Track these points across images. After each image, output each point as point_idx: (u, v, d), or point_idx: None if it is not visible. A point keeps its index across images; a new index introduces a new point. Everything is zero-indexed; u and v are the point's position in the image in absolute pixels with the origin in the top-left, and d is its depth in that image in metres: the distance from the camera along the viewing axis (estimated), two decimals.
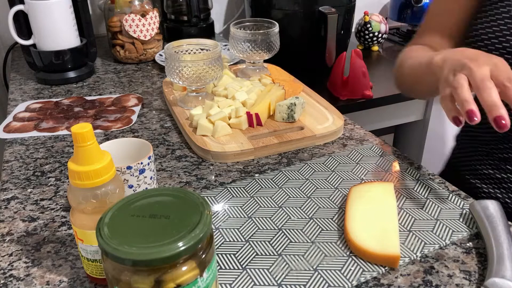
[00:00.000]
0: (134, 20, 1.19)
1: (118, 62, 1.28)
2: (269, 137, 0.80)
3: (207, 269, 0.40)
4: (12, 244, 0.59)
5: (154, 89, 1.09)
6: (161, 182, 0.72)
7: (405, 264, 0.54)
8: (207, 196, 0.67)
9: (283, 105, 0.84)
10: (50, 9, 1.07)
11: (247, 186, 0.70)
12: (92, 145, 0.47)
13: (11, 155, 0.81)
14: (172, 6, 1.43)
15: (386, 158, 0.76)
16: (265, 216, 0.63)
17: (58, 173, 0.75)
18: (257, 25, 1.05)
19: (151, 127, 0.90)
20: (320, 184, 0.69)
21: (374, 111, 1.29)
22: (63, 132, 0.89)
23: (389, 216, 0.59)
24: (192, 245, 0.37)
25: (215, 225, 0.61)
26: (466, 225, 0.60)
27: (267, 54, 1.03)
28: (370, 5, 1.81)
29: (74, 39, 1.13)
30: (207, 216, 0.40)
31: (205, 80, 0.89)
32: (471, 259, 0.55)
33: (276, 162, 0.76)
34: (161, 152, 0.80)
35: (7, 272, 0.55)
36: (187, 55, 0.87)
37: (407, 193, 0.66)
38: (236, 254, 0.56)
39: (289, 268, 0.54)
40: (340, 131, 0.84)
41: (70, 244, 0.59)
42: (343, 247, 0.57)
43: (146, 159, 0.60)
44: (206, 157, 0.78)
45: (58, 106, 0.99)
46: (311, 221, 0.61)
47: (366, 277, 0.52)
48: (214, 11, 1.52)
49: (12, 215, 0.65)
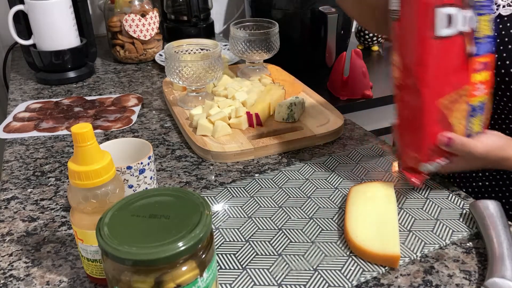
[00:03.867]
0: (134, 20, 1.19)
1: (118, 62, 1.28)
2: (269, 137, 0.80)
3: (207, 269, 0.40)
4: (12, 244, 0.59)
5: (154, 89, 1.09)
6: (161, 182, 0.72)
7: (405, 264, 0.54)
8: (207, 196, 0.67)
9: (283, 105, 0.84)
10: (50, 9, 1.07)
11: (247, 186, 0.70)
12: (92, 145, 0.46)
13: (11, 155, 0.81)
14: (172, 6, 1.43)
15: (386, 158, 0.76)
16: (265, 216, 0.63)
17: (58, 173, 0.75)
18: (257, 25, 1.05)
19: (151, 127, 0.90)
20: (320, 184, 0.69)
21: (374, 111, 1.29)
22: (63, 132, 0.89)
23: (389, 216, 0.59)
24: (192, 245, 0.37)
25: (215, 225, 0.61)
26: (466, 225, 0.60)
27: (267, 54, 1.03)
28: None
29: (74, 39, 1.13)
30: (207, 216, 0.40)
31: (205, 80, 0.89)
32: (471, 259, 0.55)
33: (276, 162, 0.76)
34: (161, 152, 0.80)
35: (7, 272, 0.55)
36: (187, 55, 0.87)
37: (407, 193, 0.66)
38: (236, 254, 0.56)
39: (289, 268, 0.54)
40: (340, 131, 0.84)
41: (70, 244, 0.59)
42: (343, 247, 0.57)
43: (146, 159, 0.60)
44: (206, 157, 0.78)
45: (58, 106, 0.99)
46: (311, 221, 0.61)
47: (366, 277, 0.52)
48: (214, 11, 1.52)
49: (12, 215, 0.65)
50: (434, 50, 0.56)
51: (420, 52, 0.56)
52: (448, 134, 0.59)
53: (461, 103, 0.59)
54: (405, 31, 0.58)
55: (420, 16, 0.55)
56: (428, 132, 0.60)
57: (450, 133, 0.60)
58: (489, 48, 0.59)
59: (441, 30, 0.55)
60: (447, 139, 0.59)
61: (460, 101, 0.59)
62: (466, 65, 0.58)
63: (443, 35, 0.55)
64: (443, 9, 0.55)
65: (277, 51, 1.04)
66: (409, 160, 0.63)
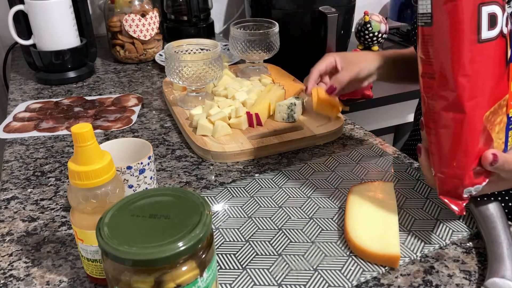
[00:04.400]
0: (134, 20, 1.19)
1: (118, 62, 1.28)
2: (269, 137, 0.80)
3: (207, 269, 0.40)
4: (12, 244, 0.59)
5: (154, 89, 1.09)
6: (161, 182, 0.72)
7: (405, 264, 0.54)
8: (207, 196, 0.67)
9: (283, 105, 0.84)
10: (50, 9, 1.07)
11: (247, 186, 0.70)
12: (92, 145, 0.46)
13: (11, 155, 0.81)
14: (172, 6, 1.43)
15: (386, 158, 0.76)
16: (265, 216, 0.63)
17: (58, 173, 0.75)
18: (257, 25, 1.05)
19: (151, 127, 0.90)
20: (320, 184, 0.69)
21: (374, 111, 1.29)
22: (63, 132, 0.89)
23: (389, 216, 0.59)
24: (192, 245, 0.37)
25: (215, 225, 0.61)
26: (466, 225, 0.60)
27: (267, 54, 1.03)
28: (370, 5, 1.81)
29: (74, 39, 1.13)
30: (207, 216, 0.40)
31: (205, 80, 0.89)
32: (471, 259, 0.55)
33: (276, 162, 0.76)
34: (161, 152, 0.80)
35: (7, 272, 0.55)
36: (187, 55, 0.87)
37: (407, 193, 0.66)
38: (236, 254, 0.56)
39: (289, 268, 0.54)
40: (340, 131, 0.84)
41: (70, 244, 0.59)
42: (343, 247, 0.57)
43: (146, 159, 0.60)
44: (206, 157, 0.78)
45: (58, 106, 0.99)
46: (311, 221, 0.61)
47: (366, 277, 0.52)
48: (214, 11, 1.52)
49: (12, 215, 0.65)
50: (477, 56, 0.48)
51: (462, 59, 0.48)
52: (493, 150, 0.52)
53: (501, 115, 0.52)
54: (441, 36, 0.49)
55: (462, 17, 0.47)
56: (472, 151, 0.51)
57: (493, 150, 0.52)
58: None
59: (485, 32, 0.48)
60: (493, 156, 0.51)
61: (500, 113, 0.52)
62: (506, 72, 0.51)
63: (487, 38, 0.48)
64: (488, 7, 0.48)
65: (277, 51, 1.04)
66: (450, 184, 0.54)
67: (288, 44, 1.24)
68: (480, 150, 0.52)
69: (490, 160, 0.51)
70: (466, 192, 0.53)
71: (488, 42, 0.49)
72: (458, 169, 0.52)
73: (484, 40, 0.48)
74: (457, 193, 0.54)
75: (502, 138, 0.54)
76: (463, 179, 0.52)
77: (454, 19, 0.48)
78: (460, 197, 0.54)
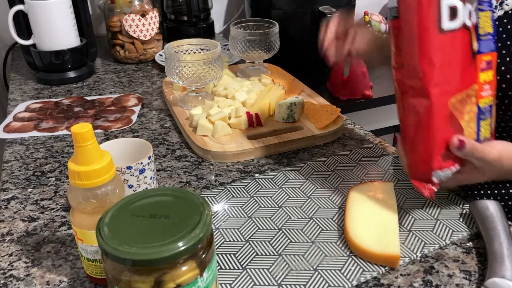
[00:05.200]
0: (134, 20, 1.19)
1: (118, 62, 1.28)
2: (269, 137, 0.80)
3: (207, 269, 0.40)
4: (12, 244, 0.59)
5: (154, 89, 1.09)
6: (161, 182, 0.72)
7: (405, 264, 0.54)
8: (207, 196, 0.67)
9: (283, 105, 0.84)
10: (50, 9, 1.07)
11: (247, 186, 0.69)
12: (92, 145, 0.47)
13: (11, 155, 0.81)
14: (172, 6, 1.43)
15: (386, 158, 0.76)
16: (265, 216, 0.63)
17: (58, 173, 0.75)
18: (257, 25, 1.05)
19: (151, 127, 0.90)
20: (320, 184, 0.69)
21: (374, 111, 1.29)
22: (63, 132, 0.89)
23: (389, 216, 0.59)
24: (192, 245, 0.37)
25: (215, 225, 0.61)
26: (466, 225, 0.60)
27: (267, 54, 1.03)
28: (370, 5, 1.81)
29: (74, 39, 1.13)
30: (207, 216, 0.40)
31: (205, 80, 0.89)
32: (471, 259, 0.55)
33: (276, 162, 0.76)
34: (161, 152, 0.80)
35: (7, 272, 0.55)
36: (187, 55, 0.87)
37: (407, 193, 0.66)
38: (236, 254, 0.56)
39: (289, 268, 0.54)
40: (340, 131, 0.84)
41: (70, 244, 0.59)
42: (343, 247, 0.57)
43: (146, 159, 0.60)
44: (206, 157, 0.78)
45: (58, 106, 0.99)
46: (311, 221, 0.61)
47: (366, 277, 0.52)
48: (214, 11, 1.52)
49: (12, 215, 0.65)
50: (440, 45, 0.52)
51: (426, 47, 0.52)
52: (459, 136, 0.55)
53: (470, 105, 0.55)
54: (407, 28, 0.53)
55: (424, 9, 0.52)
56: (439, 136, 0.55)
57: (461, 136, 0.55)
58: (492, 46, 0.57)
59: (446, 23, 0.52)
60: (459, 142, 0.55)
61: (469, 102, 0.55)
62: (472, 63, 0.55)
63: (449, 28, 0.52)
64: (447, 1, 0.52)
65: (277, 51, 1.04)
66: (419, 169, 0.57)
67: (288, 44, 1.23)
68: (448, 137, 0.55)
69: (456, 144, 0.55)
70: (435, 175, 0.56)
71: (451, 33, 0.53)
72: (425, 153, 0.56)
73: (446, 31, 0.52)
74: (427, 177, 0.57)
75: (473, 128, 0.57)
76: (431, 163, 0.56)
77: (417, 11, 0.52)
78: (429, 180, 0.57)
